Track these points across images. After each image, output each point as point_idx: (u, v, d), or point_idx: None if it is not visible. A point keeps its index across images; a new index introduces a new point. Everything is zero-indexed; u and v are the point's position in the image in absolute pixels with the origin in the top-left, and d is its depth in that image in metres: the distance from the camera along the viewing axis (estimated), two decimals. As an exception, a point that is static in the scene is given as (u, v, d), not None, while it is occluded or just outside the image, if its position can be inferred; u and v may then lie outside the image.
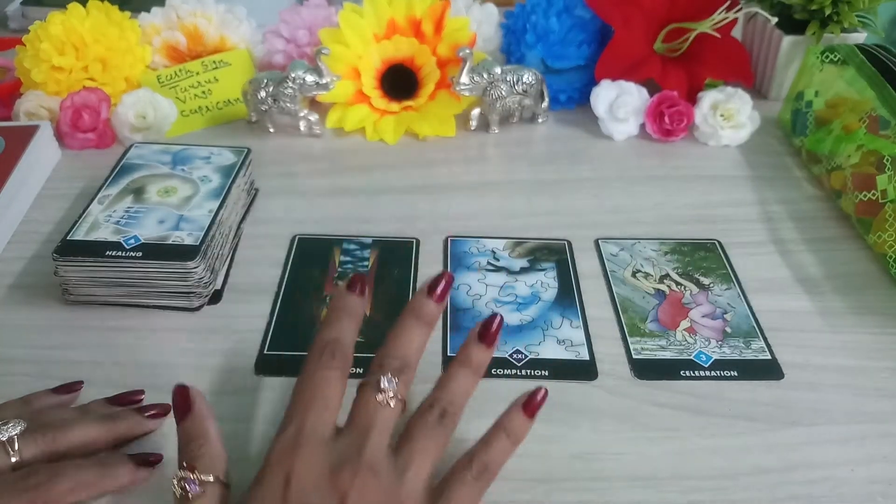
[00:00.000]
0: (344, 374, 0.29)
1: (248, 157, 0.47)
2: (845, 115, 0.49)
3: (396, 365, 0.29)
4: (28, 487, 0.28)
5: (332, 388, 0.29)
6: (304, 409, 0.28)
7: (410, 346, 0.30)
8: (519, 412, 0.30)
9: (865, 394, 0.36)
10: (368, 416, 0.28)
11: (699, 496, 0.31)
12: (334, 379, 0.29)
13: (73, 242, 0.39)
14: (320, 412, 0.28)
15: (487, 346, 0.31)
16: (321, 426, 0.28)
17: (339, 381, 0.29)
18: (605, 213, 0.49)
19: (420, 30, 0.56)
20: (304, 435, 0.27)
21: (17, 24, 0.72)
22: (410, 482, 0.27)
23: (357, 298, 0.31)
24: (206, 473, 0.27)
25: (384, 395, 0.28)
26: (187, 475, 0.27)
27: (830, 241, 0.46)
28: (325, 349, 0.29)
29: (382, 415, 0.28)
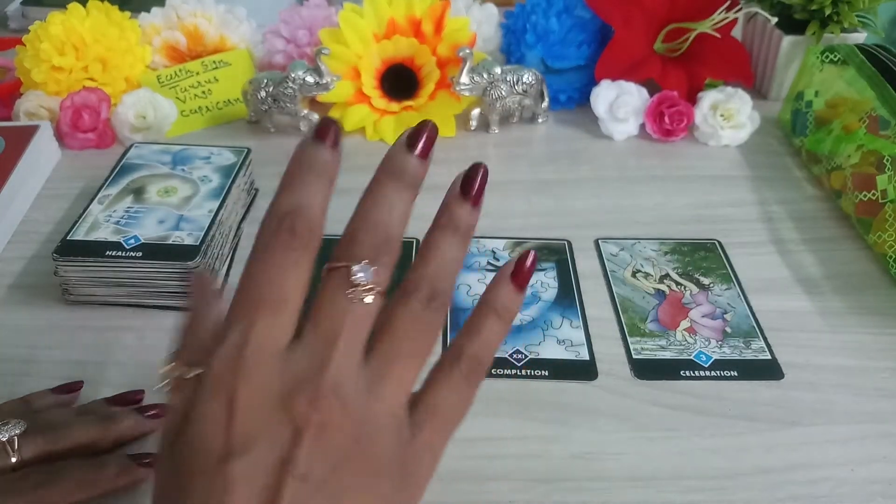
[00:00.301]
0: (309, 256, 0.22)
1: (248, 157, 0.47)
2: (845, 115, 0.49)
3: (372, 242, 0.22)
4: (28, 488, 0.28)
5: (292, 277, 0.21)
6: (251, 309, 0.21)
7: (390, 215, 0.23)
8: (507, 283, 0.23)
9: (865, 394, 0.36)
10: (335, 319, 0.21)
11: (699, 496, 0.31)
12: (294, 264, 0.21)
13: (73, 242, 0.39)
14: (273, 314, 0.21)
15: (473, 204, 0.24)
16: (274, 333, 0.21)
17: (301, 267, 0.21)
18: (605, 213, 0.49)
19: (420, 30, 0.56)
20: (250, 346, 0.20)
21: (17, 24, 0.72)
22: (388, 400, 0.21)
23: (328, 150, 0.24)
24: (190, 366, 0.21)
25: (356, 290, 0.21)
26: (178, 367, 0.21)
27: (830, 241, 0.46)
28: (283, 222, 0.22)
29: (353, 316, 0.21)
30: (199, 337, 0.22)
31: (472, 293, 0.42)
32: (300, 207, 0.22)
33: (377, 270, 0.22)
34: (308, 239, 0.22)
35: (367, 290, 0.21)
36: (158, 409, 0.33)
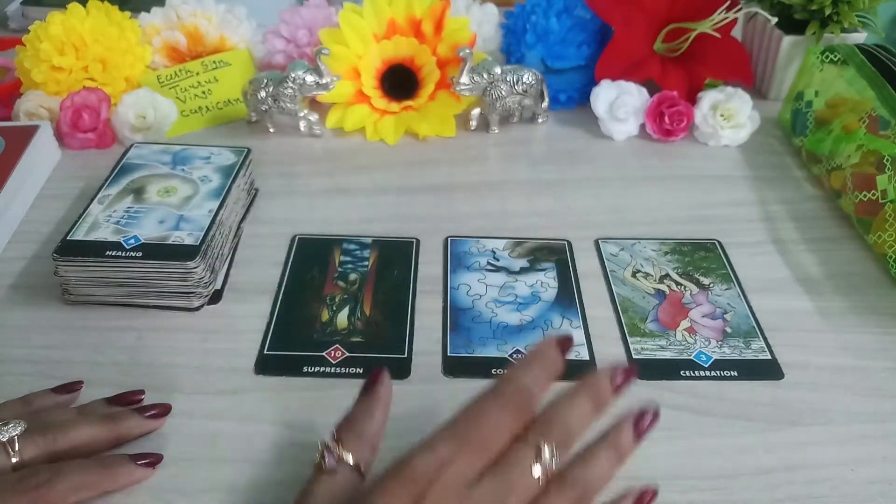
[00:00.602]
0: (518, 426, 0.26)
1: (248, 157, 0.47)
2: (845, 115, 0.49)
3: (562, 437, 0.26)
4: (28, 488, 0.28)
5: (502, 435, 0.26)
6: (463, 441, 0.25)
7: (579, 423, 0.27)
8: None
9: (865, 394, 0.36)
10: (517, 479, 0.25)
11: (699, 496, 0.31)
12: (508, 428, 0.26)
13: (74, 242, 0.39)
14: (478, 453, 0.25)
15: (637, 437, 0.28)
16: (469, 469, 0.25)
17: (510, 432, 0.26)
18: (605, 213, 0.49)
19: (420, 30, 0.56)
20: (450, 470, 0.24)
21: (17, 23, 0.72)
22: None
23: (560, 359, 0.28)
24: (351, 455, 0.27)
25: (541, 468, 0.25)
26: (332, 446, 0.27)
27: (830, 241, 0.46)
28: (516, 395, 0.26)
29: (528, 484, 0.25)
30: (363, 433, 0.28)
31: (472, 293, 0.42)
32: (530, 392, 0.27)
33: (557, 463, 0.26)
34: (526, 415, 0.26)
35: (545, 473, 0.25)
36: (158, 409, 0.34)
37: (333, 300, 0.41)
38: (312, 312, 0.40)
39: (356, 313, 0.40)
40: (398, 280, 0.43)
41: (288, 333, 0.39)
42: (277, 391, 0.36)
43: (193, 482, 0.31)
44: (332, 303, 0.41)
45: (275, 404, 0.35)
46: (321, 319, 0.40)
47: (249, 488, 0.31)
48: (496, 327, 0.40)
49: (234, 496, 0.31)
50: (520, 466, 0.25)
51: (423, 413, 0.35)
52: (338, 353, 0.38)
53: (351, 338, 0.39)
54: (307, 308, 0.40)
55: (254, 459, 0.32)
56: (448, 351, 0.38)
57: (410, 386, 0.36)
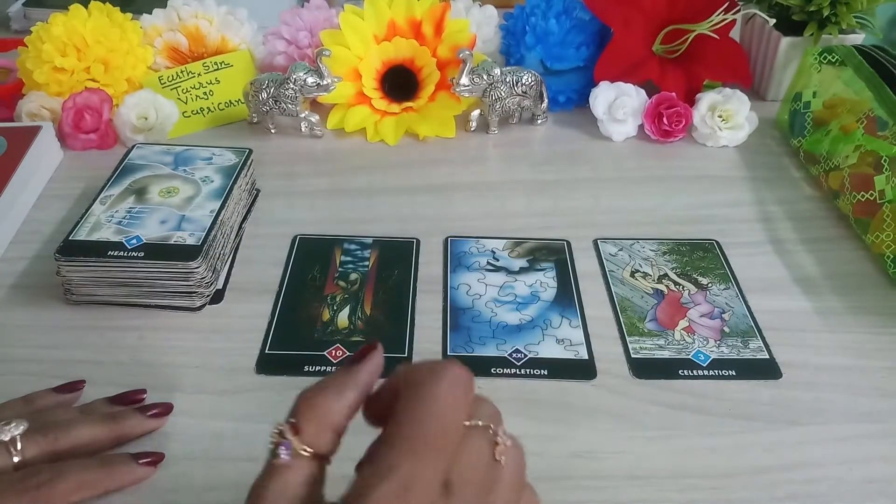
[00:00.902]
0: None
1: (249, 158, 0.47)
2: (843, 116, 0.49)
3: (498, 417, 0.24)
4: (30, 487, 0.28)
5: (460, 431, 0.22)
6: (421, 449, 0.21)
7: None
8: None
9: (863, 393, 0.36)
10: (484, 474, 0.22)
11: (697, 495, 0.32)
12: (463, 418, 0.22)
13: (76, 242, 0.39)
14: (439, 458, 0.21)
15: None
16: (435, 478, 0.20)
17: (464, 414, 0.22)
18: (604, 213, 0.49)
19: (420, 31, 0.56)
20: (414, 491, 0.20)
21: (18, 25, 0.73)
22: None
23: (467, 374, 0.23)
24: (307, 444, 0.22)
25: (502, 447, 0.22)
26: (287, 432, 0.22)
27: (828, 242, 0.47)
28: (466, 382, 0.22)
29: (499, 475, 0.22)
30: (326, 416, 0.23)
31: (472, 293, 0.42)
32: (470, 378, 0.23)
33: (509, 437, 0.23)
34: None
35: (506, 450, 0.23)
36: (160, 409, 0.34)
37: (334, 300, 0.41)
38: (313, 312, 0.40)
39: (357, 313, 0.40)
40: (398, 280, 0.43)
41: (289, 333, 0.39)
42: (278, 391, 0.36)
43: (195, 481, 0.32)
44: (333, 302, 0.41)
45: (276, 404, 0.35)
46: (322, 319, 0.40)
47: (250, 488, 0.31)
48: (496, 327, 0.40)
49: (236, 495, 0.31)
50: (481, 454, 0.22)
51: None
52: (339, 352, 0.38)
53: (352, 337, 0.39)
54: (308, 308, 0.41)
55: (255, 458, 0.32)
56: (448, 350, 0.38)
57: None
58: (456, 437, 0.22)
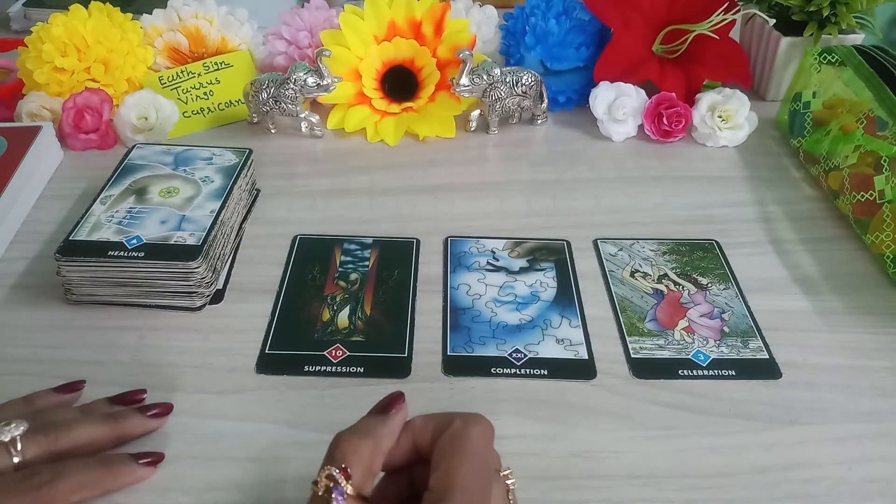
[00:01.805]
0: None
1: (249, 158, 0.47)
2: (843, 116, 0.49)
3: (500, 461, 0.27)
4: (31, 487, 0.28)
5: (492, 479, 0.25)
6: (473, 497, 0.24)
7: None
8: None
9: (863, 393, 0.36)
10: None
11: (697, 494, 0.32)
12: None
13: (76, 242, 0.39)
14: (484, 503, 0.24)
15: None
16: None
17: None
18: (604, 213, 0.49)
19: (420, 32, 0.56)
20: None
21: (19, 25, 0.73)
22: None
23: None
24: (358, 488, 0.24)
25: (512, 488, 0.26)
26: (339, 479, 0.24)
27: (828, 242, 0.47)
28: (492, 433, 0.26)
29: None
30: (371, 463, 0.25)
31: (472, 293, 0.42)
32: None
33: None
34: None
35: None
36: (160, 409, 0.34)
37: (334, 300, 0.41)
38: (313, 312, 0.40)
39: (357, 313, 0.40)
40: (398, 280, 0.43)
41: (289, 333, 0.39)
42: (279, 390, 0.36)
43: (195, 481, 0.32)
44: (333, 302, 0.41)
45: (276, 403, 0.35)
46: (322, 319, 0.40)
47: (251, 487, 0.31)
48: (496, 327, 0.40)
49: (236, 495, 0.31)
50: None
51: (424, 412, 0.35)
52: (339, 352, 0.38)
53: (352, 337, 0.39)
54: (308, 308, 0.41)
55: (255, 458, 0.33)
56: (448, 350, 0.38)
57: (410, 385, 0.36)
58: (486, 483, 0.24)
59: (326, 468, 0.24)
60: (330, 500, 0.23)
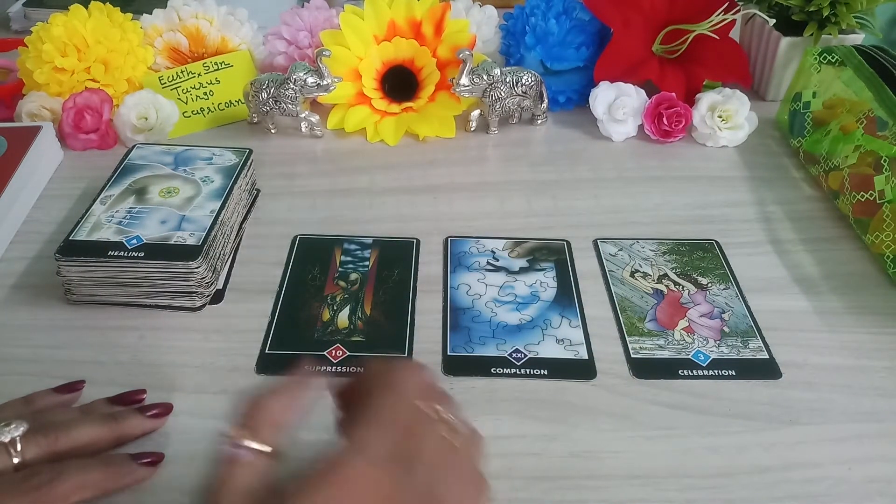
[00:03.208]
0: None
1: (249, 158, 0.47)
2: (843, 116, 0.49)
3: (454, 407, 0.27)
4: (31, 488, 0.28)
5: (413, 413, 0.26)
6: (374, 422, 0.25)
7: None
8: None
9: (863, 393, 0.36)
10: (435, 453, 0.26)
11: (697, 494, 0.32)
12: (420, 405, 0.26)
13: (76, 242, 0.39)
14: (389, 430, 0.25)
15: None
16: (383, 446, 0.25)
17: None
18: (604, 213, 0.49)
19: (420, 32, 0.56)
20: (365, 453, 0.24)
21: (19, 25, 0.73)
22: None
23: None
24: (263, 443, 0.25)
25: (456, 432, 0.26)
26: (245, 435, 0.24)
27: (828, 242, 0.47)
28: (420, 373, 0.27)
29: (452, 458, 0.26)
30: (273, 417, 0.26)
31: (472, 293, 0.42)
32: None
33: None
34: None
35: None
36: (160, 409, 0.34)
37: (334, 300, 0.41)
38: (313, 312, 0.40)
39: (357, 313, 0.40)
40: (398, 280, 0.43)
41: (289, 333, 0.39)
42: (278, 390, 0.36)
43: (195, 481, 0.31)
44: (333, 302, 0.41)
45: (276, 403, 0.35)
46: (322, 319, 0.40)
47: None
48: (496, 327, 0.40)
49: (236, 494, 0.31)
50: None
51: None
52: (339, 352, 0.38)
53: (352, 337, 0.39)
54: (308, 308, 0.41)
55: (255, 458, 0.33)
56: (448, 350, 0.38)
57: (410, 385, 0.36)
58: (407, 416, 0.25)
59: (231, 428, 0.25)
60: (236, 455, 0.24)
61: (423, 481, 0.24)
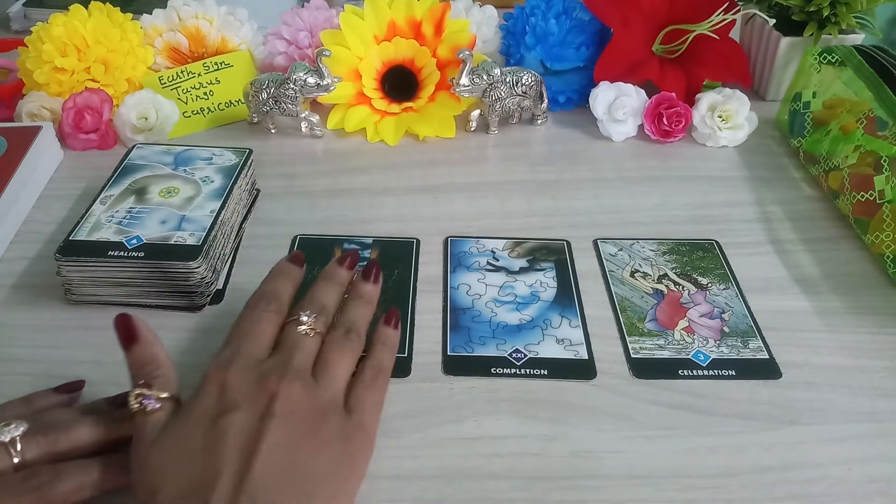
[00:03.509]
0: (279, 319, 0.34)
1: (249, 158, 0.47)
2: (843, 116, 0.49)
3: (316, 308, 0.34)
4: (31, 488, 0.28)
5: (267, 325, 0.33)
6: (240, 337, 0.32)
7: (327, 296, 0.36)
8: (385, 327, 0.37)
9: (863, 393, 0.36)
10: (292, 342, 0.32)
11: (697, 494, 0.32)
12: (270, 320, 0.33)
13: (76, 242, 0.39)
14: (255, 341, 0.32)
15: (374, 282, 0.37)
16: (255, 350, 0.32)
17: (274, 322, 0.33)
18: (604, 213, 0.49)
19: (420, 32, 0.56)
20: (239, 354, 0.31)
21: (19, 25, 0.73)
22: (328, 387, 0.31)
23: (296, 269, 0.37)
24: (162, 390, 0.30)
25: (305, 327, 0.33)
26: (143, 392, 0.30)
27: (828, 242, 0.47)
28: (262, 297, 0.34)
29: (304, 341, 0.33)
30: (167, 371, 0.32)
31: (472, 293, 0.42)
32: (274, 292, 0.35)
33: (317, 321, 0.34)
34: (278, 309, 0.34)
35: (311, 329, 0.33)
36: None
37: (334, 300, 0.41)
38: (313, 312, 0.40)
39: (357, 313, 0.40)
40: (398, 280, 0.43)
41: (289, 333, 0.39)
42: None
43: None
44: (333, 303, 0.41)
45: (276, 403, 0.35)
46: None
47: None
48: (496, 327, 0.40)
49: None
50: (289, 335, 0.33)
51: (424, 412, 0.35)
52: (338, 352, 0.38)
53: (351, 337, 0.39)
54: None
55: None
56: (448, 350, 0.38)
57: (410, 385, 0.36)
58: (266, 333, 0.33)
59: (131, 391, 0.30)
60: (145, 410, 0.29)
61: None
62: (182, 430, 0.29)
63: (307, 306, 0.34)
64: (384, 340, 0.36)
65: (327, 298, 0.36)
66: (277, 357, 0.32)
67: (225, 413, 0.28)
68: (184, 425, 0.29)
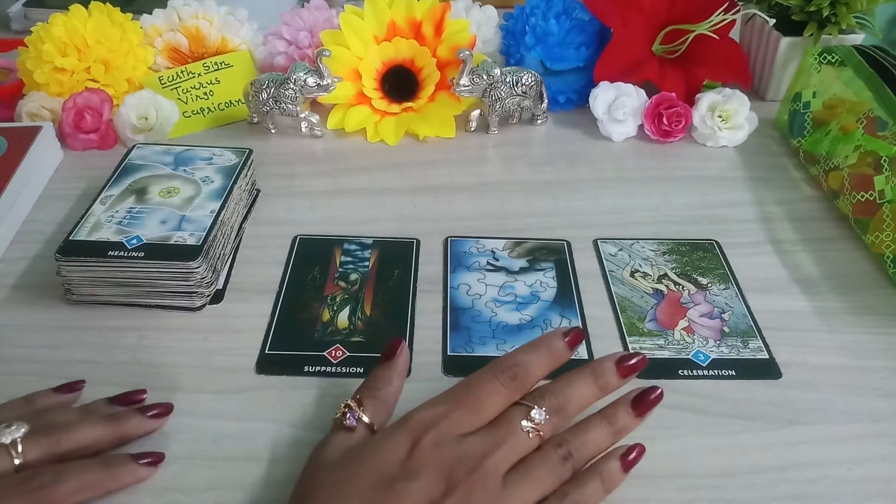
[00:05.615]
0: (511, 398, 0.30)
1: (249, 158, 0.48)
2: (843, 116, 0.49)
3: (555, 405, 0.30)
4: (32, 489, 0.28)
5: (494, 401, 0.30)
6: (458, 401, 0.29)
7: (577, 396, 0.30)
8: (613, 461, 0.30)
9: (863, 393, 0.36)
10: (506, 433, 0.29)
11: (697, 494, 0.32)
12: (500, 395, 0.30)
13: (76, 242, 0.39)
14: (472, 411, 0.29)
15: (638, 415, 0.31)
16: (465, 421, 0.29)
17: (503, 399, 0.30)
18: (604, 213, 0.49)
19: (420, 32, 0.56)
20: (447, 419, 0.29)
21: (19, 25, 0.73)
22: (514, 500, 0.27)
23: (565, 348, 0.32)
24: (368, 415, 0.30)
25: (531, 425, 0.29)
26: (354, 406, 0.31)
27: (828, 242, 0.47)
28: (510, 368, 0.30)
29: (520, 439, 0.29)
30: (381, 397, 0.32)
31: (472, 293, 0.42)
32: (526, 367, 0.31)
33: (547, 423, 0.29)
34: (518, 388, 0.30)
35: (534, 430, 0.29)
36: (160, 409, 0.34)
37: (334, 300, 0.41)
38: (313, 312, 0.40)
39: (357, 313, 0.40)
40: (398, 280, 0.43)
41: (289, 333, 0.39)
42: (279, 390, 0.36)
43: (195, 481, 0.32)
44: (333, 303, 0.41)
45: (276, 403, 0.35)
46: (322, 319, 0.40)
47: (251, 487, 0.31)
48: (496, 327, 0.40)
49: (236, 494, 0.31)
50: (509, 422, 0.29)
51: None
52: (338, 352, 0.38)
53: (351, 337, 0.39)
54: (308, 308, 0.41)
55: (255, 458, 0.33)
56: (448, 350, 0.38)
57: (411, 385, 0.36)
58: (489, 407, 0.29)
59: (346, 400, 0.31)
60: (344, 420, 0.30)
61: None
62: (358, 470, 0.28)
63: (547, 399, 0.30)
64: (604, 476, 0.29)
65: (574, 399, 0.30)
66: (482, 439, 0.28)
67: (402, 479, 0.27)
68: (362, 464, 0.28)
